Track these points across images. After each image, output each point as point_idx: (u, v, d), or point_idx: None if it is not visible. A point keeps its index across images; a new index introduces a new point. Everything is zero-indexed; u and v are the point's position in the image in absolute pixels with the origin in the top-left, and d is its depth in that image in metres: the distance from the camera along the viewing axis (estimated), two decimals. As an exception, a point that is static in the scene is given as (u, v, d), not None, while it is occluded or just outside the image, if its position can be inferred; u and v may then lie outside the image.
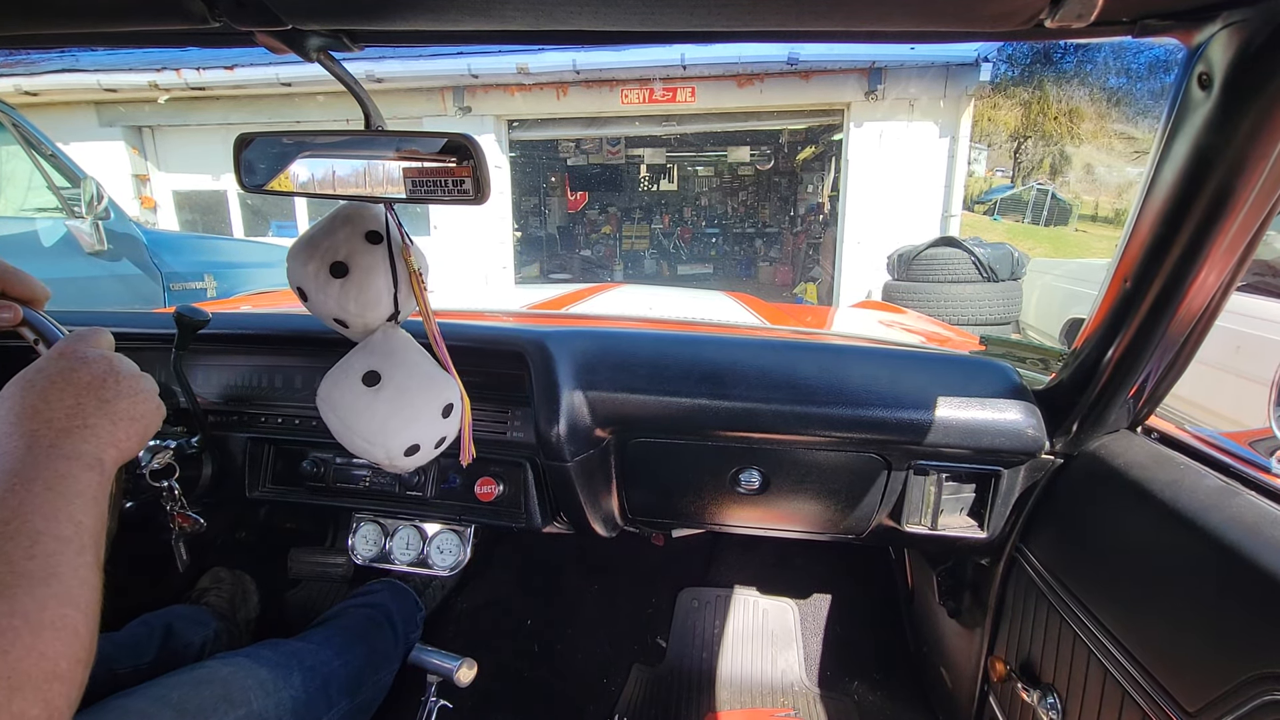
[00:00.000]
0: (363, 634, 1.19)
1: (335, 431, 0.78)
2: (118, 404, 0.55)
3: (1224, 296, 0.70)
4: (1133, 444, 0.84)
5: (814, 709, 1.42)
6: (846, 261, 7.40)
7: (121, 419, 0.55)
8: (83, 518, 0.47)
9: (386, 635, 1.23)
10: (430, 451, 0.80)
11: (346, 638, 1.14)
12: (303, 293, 0.77)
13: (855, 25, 0.55)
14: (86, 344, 0.57)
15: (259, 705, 0.88)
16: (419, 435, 0.78)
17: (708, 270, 12.53)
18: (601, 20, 0.55)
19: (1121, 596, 0.75)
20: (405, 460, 0.79)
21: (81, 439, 0.51)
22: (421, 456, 0.80)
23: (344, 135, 0.66)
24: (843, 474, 1.02)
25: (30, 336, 0.61)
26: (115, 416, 0.54)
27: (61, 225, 2.95)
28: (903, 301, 5.19)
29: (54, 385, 0.53)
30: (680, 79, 7.11)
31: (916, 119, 6.88)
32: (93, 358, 0.56)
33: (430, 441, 0.79)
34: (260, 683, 0.91)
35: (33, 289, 0.62)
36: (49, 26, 0.63)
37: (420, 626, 1.36)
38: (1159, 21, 0.55)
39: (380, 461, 0.78)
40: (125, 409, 0.55)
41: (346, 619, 1.22)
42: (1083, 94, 20.15)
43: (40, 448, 0.49)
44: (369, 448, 0.77)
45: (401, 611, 1.32)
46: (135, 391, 0.57)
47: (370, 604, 1.29)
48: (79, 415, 0.52)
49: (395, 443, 0.76)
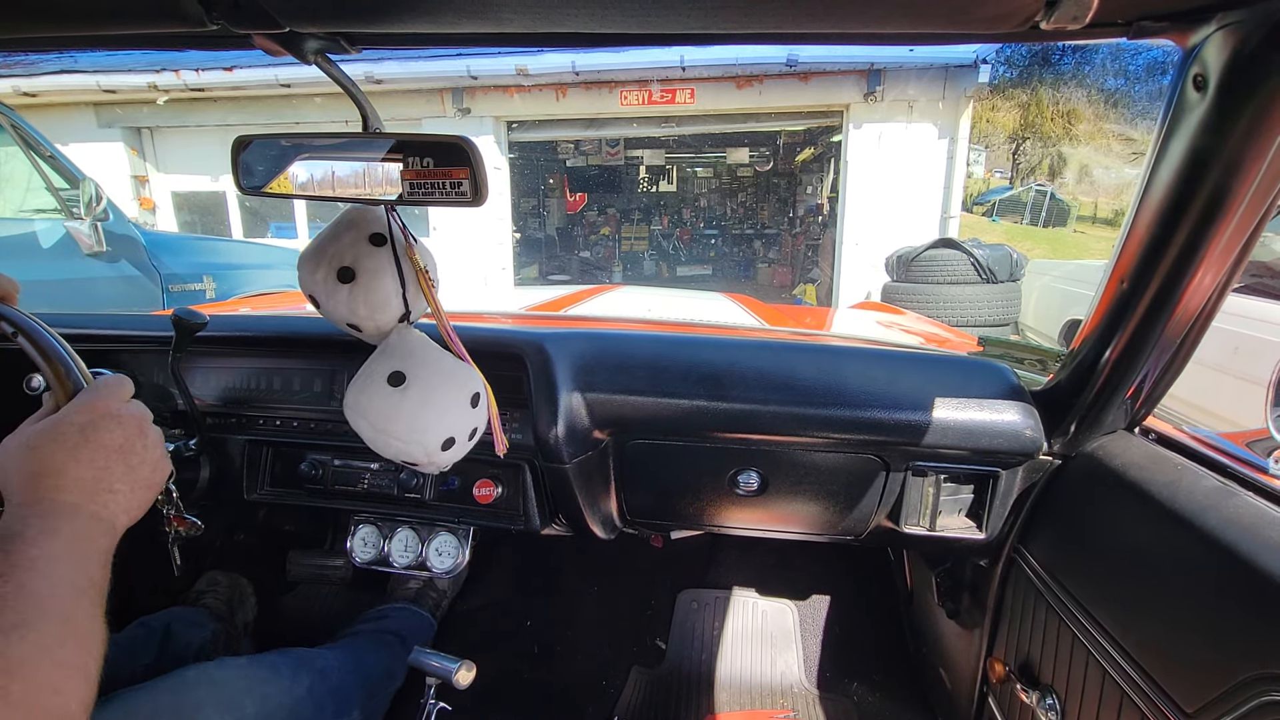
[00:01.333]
0: (375, 658, 1.20)
1: (368, 438, 0.78)
2: (140, 471, 0.57)
3: (1220, 297, 0.70)
4: (1130, 445, 0.85)
5: (813, 710, 1.42)
6: (845, 263, 7.41)
7: (140, 486, 0.57)
8: (95, 573, 0.50)
9: (399, 653, 1.24)
10: (465, 444, 0.80)
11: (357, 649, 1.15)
12: (315, 300, 0.78)
13: (852, 27, 0.55)
14: (119, 400, 0.59)
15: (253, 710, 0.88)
16: (452, 427, 0.78)
17: (706, 271, 12.54)
18: (599, 22, 0.55)
19: (1120, 597, 0.75)
20: (443, 455, 0.78)
21: (103, 504, 0.53)
22: (458, 450, 0.80)
23: (342, 137, 0.66)
24: (841, 475, 1.02)
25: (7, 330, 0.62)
26: (135, 483, 0.57)
27: (60, 226, 2.95)
28: (901, 303, 5.19)
29: (86, 443, 0.55)
30: (679, 80, 7.11)
31: (915, 120, 6.89)
32: (125, 416, 0.58)
33: (464, 433, 0.79)
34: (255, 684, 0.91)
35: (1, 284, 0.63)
36: (47, 29, 0.63)
37: None
38: (1154, 23, 0.56)
39: (419, 460, 0.78)
40: (146, 476, 0.58)
41: (359, 640, 1.24)
42: (1080, 95, 20.21)
43: (67, 505, 0.51)
44: (405, 447, 0.76)
45: (416, 636, 1.34)
46: (156, 457, 0.59)
47: (381, 628, 1.31)
48: (106, 479, 0.54)
49: (430, 438, 0.76)
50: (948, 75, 6.68)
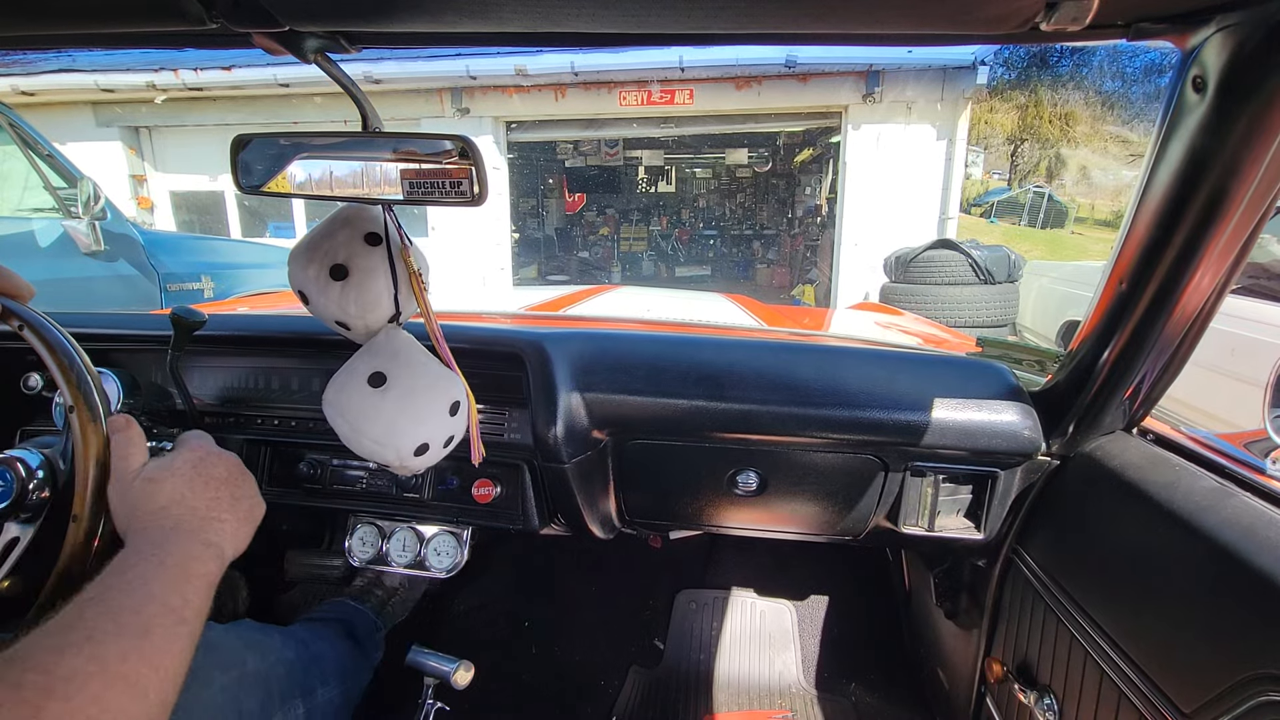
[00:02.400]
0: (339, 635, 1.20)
1: (343, 436, 0.78)
2: (242, 504, 0.64)
3: (1219, 299, 0.70)
4: (1128, 445, 0.85)
5: (812, 710, 1.42)
6: (844, 263, 7.42)
7: (244, 519, 0.63)
8: (193, 597, 0.52)
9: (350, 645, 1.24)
10: (439, 451, 0.80)
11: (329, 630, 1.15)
12: (304, 296, 0.77)
13: (851, 28, 0.55)
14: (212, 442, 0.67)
15: (253, 666, 0.89)
16: (428, 434, 0.78)
17: (705, 272, 12.54)
18: (598, 22, 0.55)
19: (1118, 597, 0.75)
20: (415, 461, 0.79)
21: (215, 531, 0.59)
22: (431, 456, 0.80)
23: (341, 137, 0.65)
24: (840, 475, 1.02)
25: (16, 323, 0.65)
26: (239, 516, 0.62)
27: (58, 225, 2.94)
28: (900, 303, 5.19)
29: (198, 476, 0.61)
30: (678, 81, 7.12)
31: (914, 122, 6.90)
32: (226, 455, 0.66)
33: (439, 440, 0.79)
34: (250, 644, 0.92)
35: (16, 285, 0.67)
36: (45, 27, 0.63)
37: (381, 647, 1.37)
38: (1153, 25, 0.56)
39: (391, 463, 0.78)
40: (247, 510, 0.64)
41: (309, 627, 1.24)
42: (1079, 97, 20.25)
43: (183, 530, 0.56)
44: (379, 449, 0.77)
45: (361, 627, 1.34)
46: (254, 494, 0.66)
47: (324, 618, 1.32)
48: (216, 508, 0.60)
49: (405, 443, 0.76)
50: (946, 77, 6.69)
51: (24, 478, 0.76)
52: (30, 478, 0.77)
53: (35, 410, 1.15)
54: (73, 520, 0.64)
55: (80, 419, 0.64)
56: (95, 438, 0.65)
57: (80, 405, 0.65)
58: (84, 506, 0.64)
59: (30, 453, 0.79)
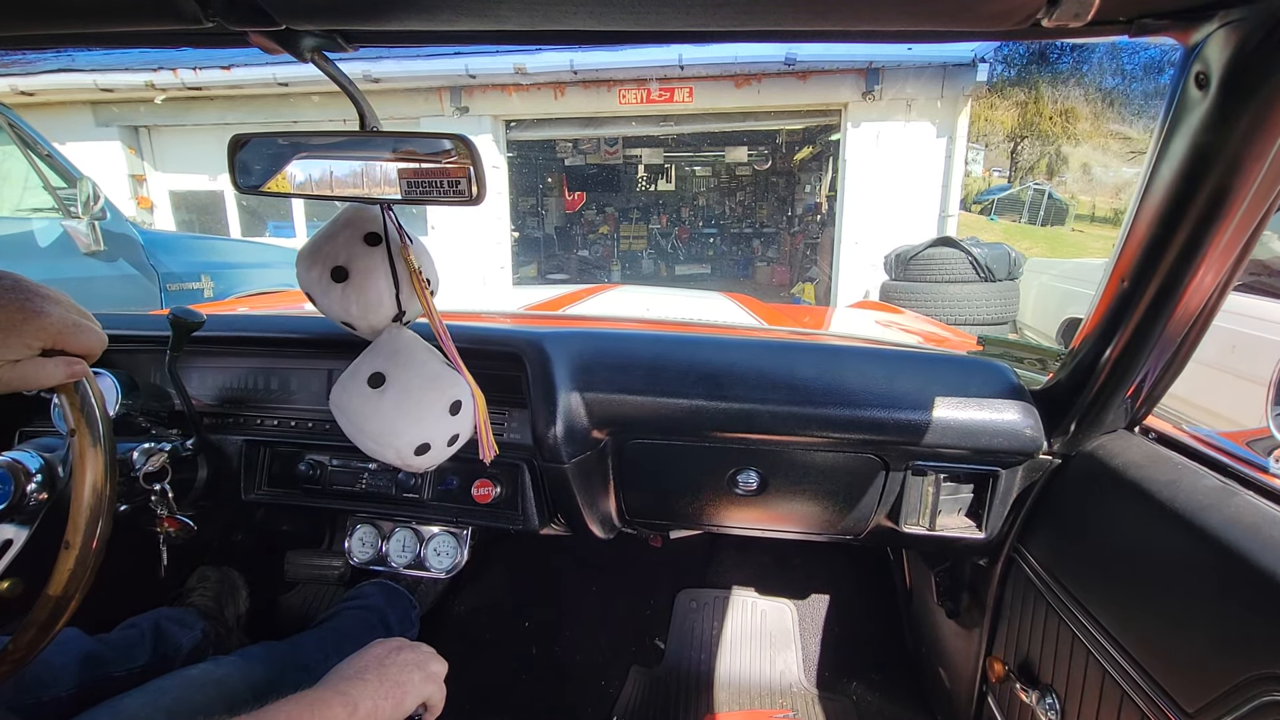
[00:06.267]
0: (357, 636, 1.18)
1: (349, 435, 0.79)
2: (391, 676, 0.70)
3: (1221, 296, 0.70)
4: (1130, 444, 0.84)
5: (812, 709, 1.42)
6: (844, 261, 7.41)
7: (387, 691, 0.69)
8: None
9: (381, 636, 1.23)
10: (443, 450, 0.80)
11: (340, 639, 1.14)
12: (311, 297, 0.78)
13: (851, 25, 0.54)
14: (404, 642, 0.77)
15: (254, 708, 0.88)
16: (427, 434, 0.78)
17: (705, 270, 12.53)
18: (598, 20, 0.55)
19: (1120, 596, 0.75)
20: (418, 460, 0.79)
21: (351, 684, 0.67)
22: (435, 455, 0.80)
23: (339, 136, 0.65)
24: (840, 475, 1.02)
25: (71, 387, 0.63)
26: (384, 682, 0.69)
27: (58, 225, 2.94)
28: (900, 301, 5.19)
29: None
30: (678, 79, 7.10)
31: (914, 119, 6.89)
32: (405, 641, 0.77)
33: (441, 440, 0.79)
34: (253, 684, 0.91)
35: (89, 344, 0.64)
36: (41, 27, 0.63)
37: (416, 625, 1.36)
38: (1155, 21, 0.55)
39: (393, 462, 0.79)
40: (392, 687, 0.69)
41: (341, 620, 1.22)
42: (1079, 94, 20.22)
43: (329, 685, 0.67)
44: (379, 448, 0.77)
45: (396, 611, 1.32)
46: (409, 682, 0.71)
47: (364, 606, 1.28)
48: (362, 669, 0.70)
49: (403, 442, 0.77)
50: (946, 74, 6.68)
51: (23, 481, 0.76)
52: (29, 481, 0.77)
53: (35, 410, 1.15)
54: (64, 547, 0.62)
55: (81, 444, 0.62)
56: (94, 464, 0.62)
57: (82, 429, 0.62)
58: (77, 535, 0.61)
59: (30, 455, 0.79)
